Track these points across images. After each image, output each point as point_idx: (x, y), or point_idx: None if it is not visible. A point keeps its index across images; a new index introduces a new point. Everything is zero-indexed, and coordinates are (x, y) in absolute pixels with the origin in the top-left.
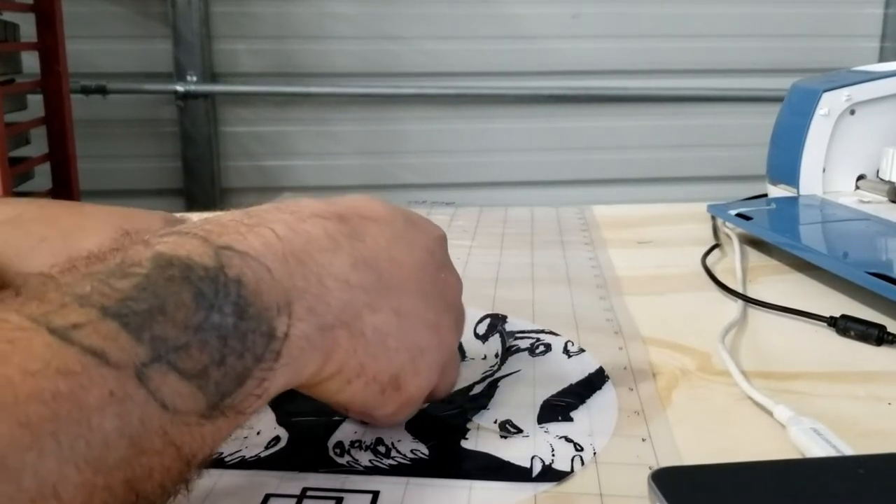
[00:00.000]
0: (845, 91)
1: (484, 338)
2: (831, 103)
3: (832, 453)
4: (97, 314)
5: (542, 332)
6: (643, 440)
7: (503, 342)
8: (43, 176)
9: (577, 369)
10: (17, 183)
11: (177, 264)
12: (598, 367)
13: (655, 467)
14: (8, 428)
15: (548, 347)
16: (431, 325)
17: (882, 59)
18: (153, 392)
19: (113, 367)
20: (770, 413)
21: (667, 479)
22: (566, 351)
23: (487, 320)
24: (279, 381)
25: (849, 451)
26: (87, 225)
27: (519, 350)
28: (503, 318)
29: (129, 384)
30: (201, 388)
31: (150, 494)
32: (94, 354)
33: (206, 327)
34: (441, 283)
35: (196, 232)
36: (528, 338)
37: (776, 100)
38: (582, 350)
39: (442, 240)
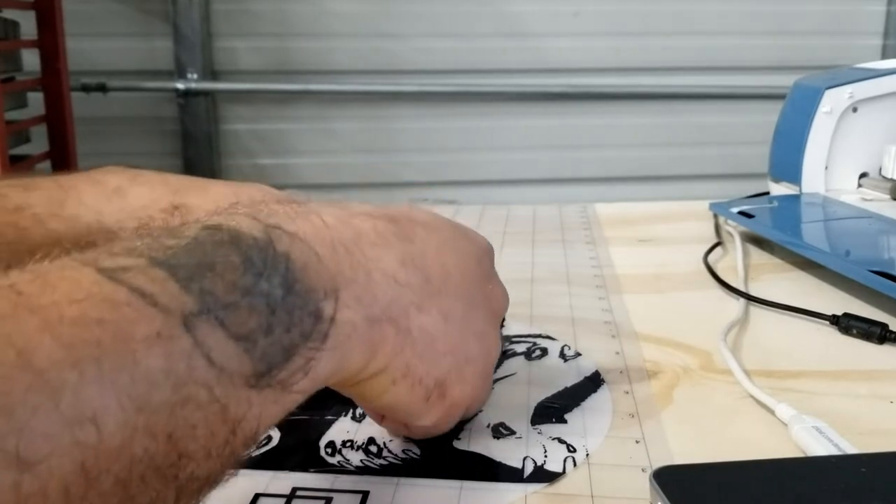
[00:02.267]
0: (848, 88)
1: None
2: (834, 101)
3: (834, 452)
4: (145, 262)
5: (539, 336)
6: (637, 442)
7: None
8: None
9: (573, 372)
10: None
11: (226, 230)
12: (593, 370)
13: (648, 469)
14: (51, 345)
15: (544, 352)
16: (479, 334)
17: (885, 56)
18: (200, 343)
19: (160, 310)
20: (772, 411)
21: (668, 478)
22: (562, 355)
23: None
24: (326, 365)
25: (851, 449)
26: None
27: (515, 354)
28: (500, 323)
29: (176, 329)
30: (248, 352)
31: (193, 455)
32: (142, 295)
33: (254, 292)
34: (488, 294)
35: (245, 212)
36: (525, 342)
37: (778, 97)
38: (578, 354)
39: (490, 251)
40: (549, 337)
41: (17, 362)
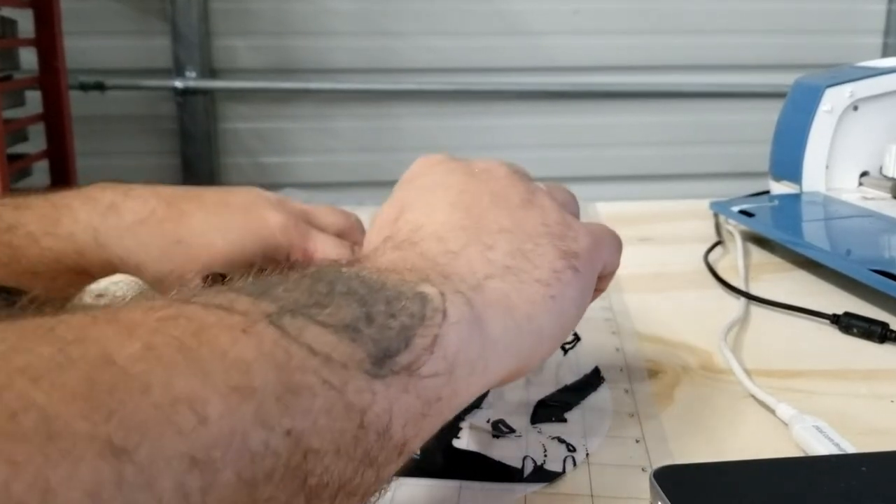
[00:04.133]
0: (848, 87)
1: None
2: (834, 99)
3: (835, 451)
4: (215, 292)
5: None
6: (636, 441)
7: None
8: (41, 172)
9: (573, 370)
10: (15, 180)
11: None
12: (593, 367)
13: (648, 468)
14: (131, 345)
15: None
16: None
17: (885, 54)
18: (294, 337)
19: (240, 314)
20: (773, 411)
21: (669, 478)
22: (561, 346)
23: None
24: (455, 339)
25: (851, 448)
26: (213, 226)
27: None
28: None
29: (261, 325)
30: (354, 341)
31: (319, 452)
32: (218, 306)
33: (335, 293)
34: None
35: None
36: None
37: (779, 96)
38: (577, 338)
39: (508, 172)
40: None
41: (99, 361)
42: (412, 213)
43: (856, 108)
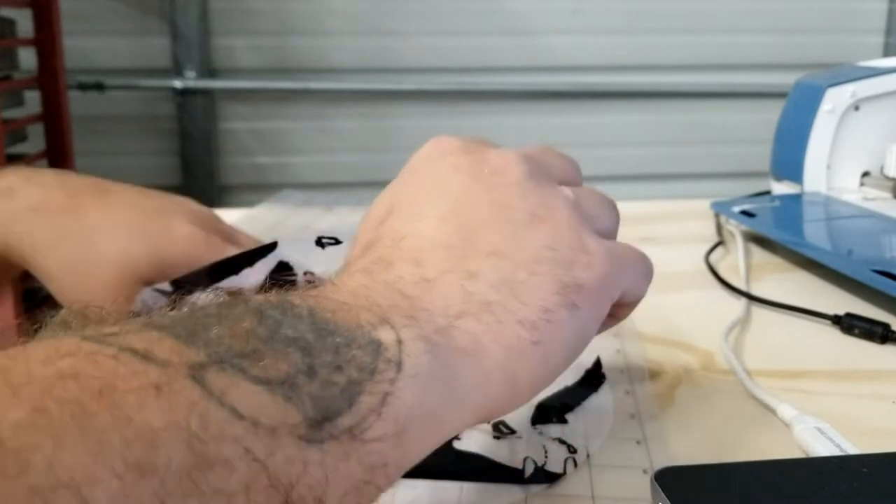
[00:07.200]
0: (850, 87)
1: None
2: (836, 99)
3: (836, 452)
4: (138, 326)
5: None
6: (637, 443)
7: None
8: None
9: (574, 368)
10: None
11: (230, 294)
12: (595, 360)
13: (649, 470)
14: (15, 408)
15: None
16: (541, 215)
17: (886, 54)
18: (217, 395)
19: (157, 364)
20: (774, 412)
21: (670, 479)
22: None
23: None
24: (411, 396)
25: (853, 450)
26: (108, 224)
27: None
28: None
29: (180, 381)
30: (290, 400)
31: None
32: (133, 351)
33: (277, 339)
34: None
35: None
36: None
37: (780, 96)
38: None
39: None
40: None
41: None
42: (399, 219)
43: (857, 108)
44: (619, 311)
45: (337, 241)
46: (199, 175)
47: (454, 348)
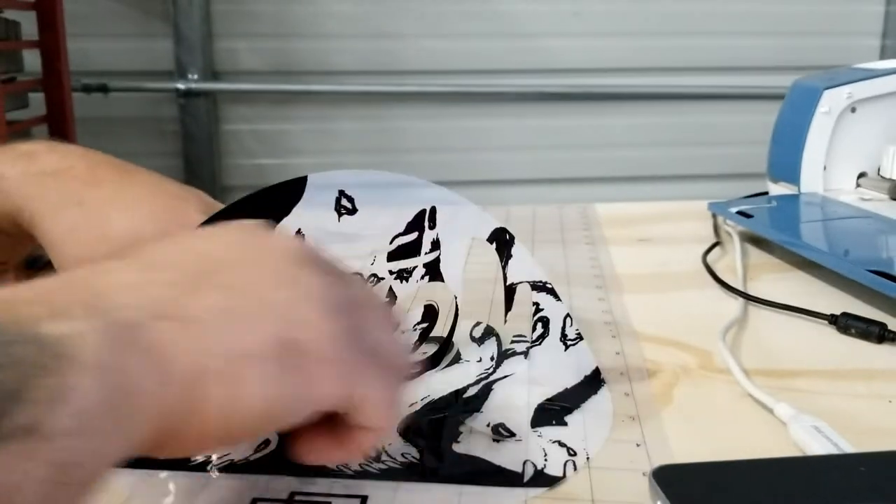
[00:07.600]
0: (846, 89)
1: (480, 341)
2: (832, 101)
3: (833, 451)
4: None
5: (545, 286)
6: (637, 445)
7: (499, 345)
8: None
9: (573, 371)
10: None
11: None
12: (593, 367)
13: (649, 473)
14: None
15: (545, 328)
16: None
17: (883, 56)
18: None
19: None
20: (771, 411)
21: (668, 477)
22: (563, 335)
23: (483, 324)
24: (92, 387)
25: (850, 448)
26: (124, 201)
27: (515, 354)
28: (510, 241)
29: None
30: None
31: None
32: None
33: None
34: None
35: None
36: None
37: (777, 97)
38: (579, 337)
39: (287, 249)
40: (552, 292)
41: None
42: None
43: (854, 110)
44: (356, 434)
45: (354, 210)
46: (202, 176)
47: (140, 347)
